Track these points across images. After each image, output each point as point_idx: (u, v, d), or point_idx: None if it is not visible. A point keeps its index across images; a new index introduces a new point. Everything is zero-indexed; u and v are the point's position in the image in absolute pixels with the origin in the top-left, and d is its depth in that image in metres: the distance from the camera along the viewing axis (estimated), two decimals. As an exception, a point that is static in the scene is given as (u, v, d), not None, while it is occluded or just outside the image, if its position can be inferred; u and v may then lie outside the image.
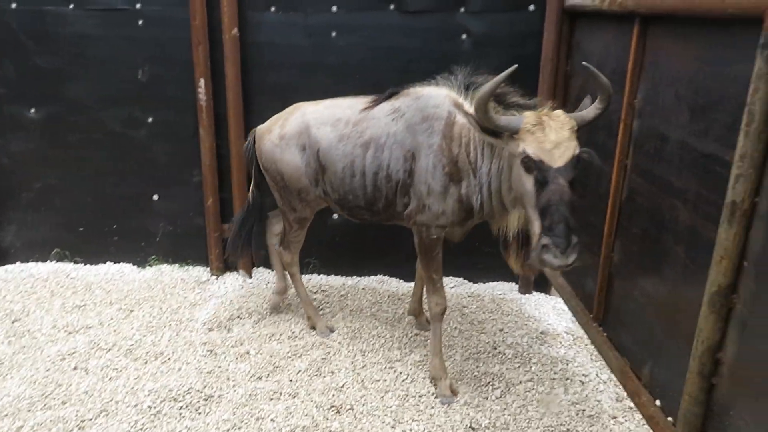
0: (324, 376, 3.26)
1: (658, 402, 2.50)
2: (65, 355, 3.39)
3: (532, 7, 3.84)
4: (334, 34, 4.04)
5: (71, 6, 4.14)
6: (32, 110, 4.34)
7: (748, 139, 1.85)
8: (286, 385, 3.18)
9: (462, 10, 3.91)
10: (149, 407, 2.95)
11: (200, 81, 4.08)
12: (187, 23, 4.04)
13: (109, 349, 3.46)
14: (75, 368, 3.28)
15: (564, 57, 3.75)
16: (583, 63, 2.59)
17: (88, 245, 4.61)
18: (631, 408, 2.94)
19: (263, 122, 4.25)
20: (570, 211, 2.34)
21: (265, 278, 4.45)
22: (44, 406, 2.98)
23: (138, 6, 4.11)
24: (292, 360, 3.40)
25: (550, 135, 2.39)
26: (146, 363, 3.36)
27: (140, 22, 4.15)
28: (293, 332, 3.70)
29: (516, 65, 2.46)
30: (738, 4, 1.89)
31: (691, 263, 2.28)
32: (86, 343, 3.51)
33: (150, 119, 4.33)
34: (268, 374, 3.27)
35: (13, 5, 4.16)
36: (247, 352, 3.47)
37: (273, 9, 4.05)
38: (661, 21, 2.52)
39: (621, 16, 2.87)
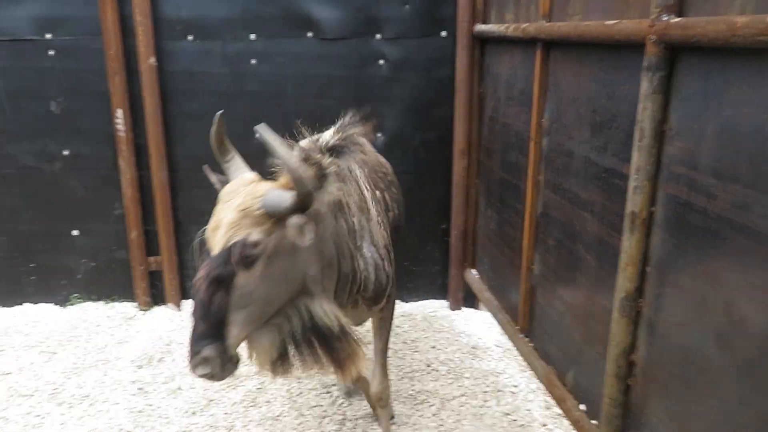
0: (260, 407, 3.22)
1: (582, 406, 2.62)
2: (-20, 406, 3.20)
3: (444, 33, 4.00)
4: (253, 61, 4.06)
5: (-26, 37, 3.98)
6: (-65, 148, 4.11)
7: (642, 154, 2.00)
8: (221, 418, 3.12)
9: (378, 36, 4.02)
10: (74, 454, 2.83)
11: (118, 111, 3.98)
12: (101, 53, 3.95)
13: (31, 395, 3.29)
14: (-9, 419, 3.10)
15: (477, 80, 3.92)
16: (256, 127, 1.84)
17: (3, 287, 4.37)
18: (560, 414, 3.07)
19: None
20: (203, 313, 1.79)
21: (195, 310, 4.35)
22: (-43, 462, 2.80)
23: (48, 36, 3.99)
24: (227, 392, 3.34)
25: (221, 212, 1.88)
26: (71, 407, 3.21)
27: (51, 52, 4.02)
28: (226, 363, 3.63)
29: (222, 110, 2.22)
30: (623, 31, 2.05)
31: (601, 271, 2.43)
32: (5, 391, 3.32)
33: (66, 152, 4.18)
34: (202, 408, 3.20)
35: None
36: (179, 388, 3.39)
37: (190, 38, 4.02)
38: (559, 46, 2.69)
39: (525, 41, 3.05)
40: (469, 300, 4.35)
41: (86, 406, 3.23)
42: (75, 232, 4.32)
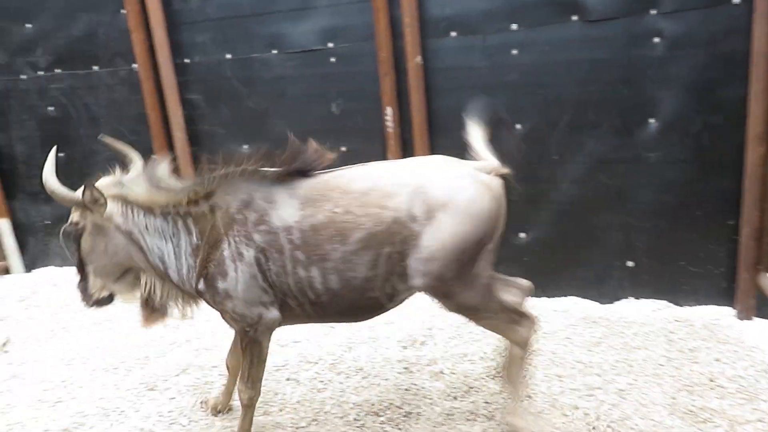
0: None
1: None
2: (279, 366, 3.73)
3: (736, 0, 3.47)
4: (514, 52, 4.02)
5: (274, 51, 4.62)
6: (245, 147, 4.90)
7: None
8: (481, 406, 3.17)
9: (653, 11, 3.66)
10: (354, 419, 3.13)
11: (387, 110, 4.29)
12: (373, 56, 4.29)
13: (316, 363, 3.74)
14: (288, 379, 3.59)
15: (783, 50, 3.32)
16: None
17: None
18: None
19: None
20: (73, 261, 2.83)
21: (452, 298, 4.50)
22: (264, 412, 3.29)
23: (330, 45, 4.46)
24: (486, 381, 3.38)
25: None
26: (348, 377, 3.57)
27: (332, 59, 4.50)
28: (485, 353, 3.69)
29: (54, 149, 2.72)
30: None
31: None
32: (296, 356, 3.83)
33: (343, 149, 4.64)
34: (463, 394, 3.29)
35: (228, 56, 4.75)
36: (441, 372, 3.53)
37: (453, 34, 4.14)
38: None
39: None
40: (764, 309, 3.74)
41: (360, 378, 3.56)
42: (349, 220, 4.79)
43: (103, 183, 2.72)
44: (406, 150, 4.40)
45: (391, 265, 2.49)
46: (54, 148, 2.72)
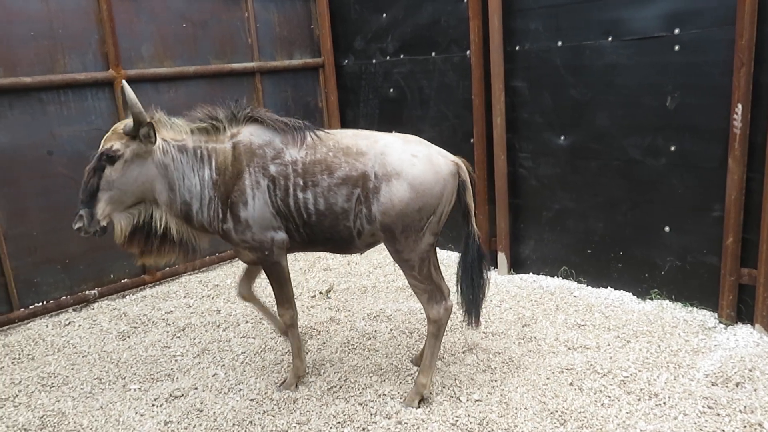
0: None
1: None
2: (563, 369, 3.57)
3: None
4: None
5: (609, 38, 4.33)
6: (562, 137, 4.75)
7: None
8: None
9: None
10: (639, 448, 2.82)
11: (737, 107, 3.67)
12: (727, 45, 3.70)
13: (604, 375, 3.47)
14: (571, 384, 3.41)
15: None
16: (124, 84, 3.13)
17: (593, 268, 4.76)
18: None
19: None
20: (83, 188, 3.06)
21: (788, 341, 3.70)
22: (540, 410, 3.20)
23: (676, 31, 3.99)
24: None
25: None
26: (639, 400, 3.22)
27: (676, 47, 4.01)
28: (827, 418, 2.94)
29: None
30: None
31: None
32: (583, 363, 3.60)
33: (672, 148, 4.15)
34: (786, 461, 2.68)
35: (559, 43, 4.63)
36: (760, 424, 2.93)
37: None
38: None
39: None
40: None
41: (653, 404, 3.18)
42: (667, 229, 4.28)
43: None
44: (753, 155, 3.71)
45: (359, 204, 3.14)
46: (125, 83, 3.10)
